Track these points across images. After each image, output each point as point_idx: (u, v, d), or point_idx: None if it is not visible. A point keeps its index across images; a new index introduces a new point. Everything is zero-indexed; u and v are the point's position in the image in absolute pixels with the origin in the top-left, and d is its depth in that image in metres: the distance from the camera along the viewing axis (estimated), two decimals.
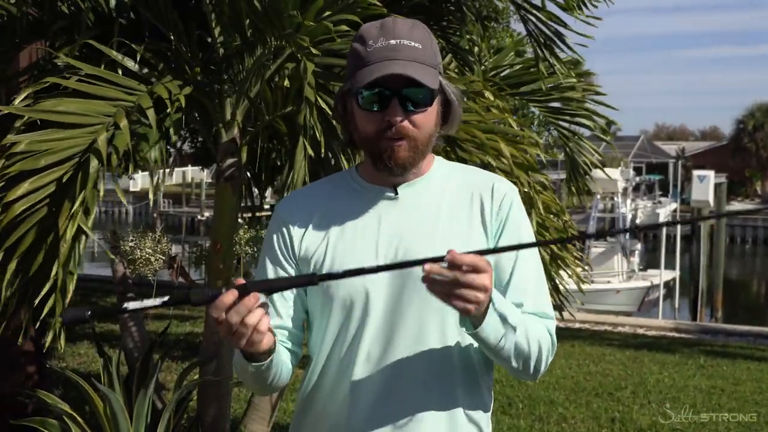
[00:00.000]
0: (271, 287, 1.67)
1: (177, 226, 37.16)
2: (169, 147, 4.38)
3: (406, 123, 1.80)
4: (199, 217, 35.89)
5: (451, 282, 1.58)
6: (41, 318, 3.18)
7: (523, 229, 1.93)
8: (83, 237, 3.21)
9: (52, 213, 3.18)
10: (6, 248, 3.16)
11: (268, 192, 5.79)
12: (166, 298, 1.59)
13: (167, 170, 4.80)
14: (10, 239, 3.15)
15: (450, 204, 1.91)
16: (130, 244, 4.20)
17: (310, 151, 3.18)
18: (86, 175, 3.10)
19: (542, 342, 1.84)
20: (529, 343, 1.80)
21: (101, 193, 3.19)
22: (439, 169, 1.97)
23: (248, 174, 5.03)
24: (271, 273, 1.94)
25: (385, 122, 1.80)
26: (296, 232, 1.92)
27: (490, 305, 1.68)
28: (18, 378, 5.06)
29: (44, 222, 3.19)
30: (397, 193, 1.90)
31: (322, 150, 3.22)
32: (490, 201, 1.91)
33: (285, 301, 1.93)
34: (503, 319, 1.72)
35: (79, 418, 3.98)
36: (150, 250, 4.09)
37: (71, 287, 3.18)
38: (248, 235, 4.33)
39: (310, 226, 1.92)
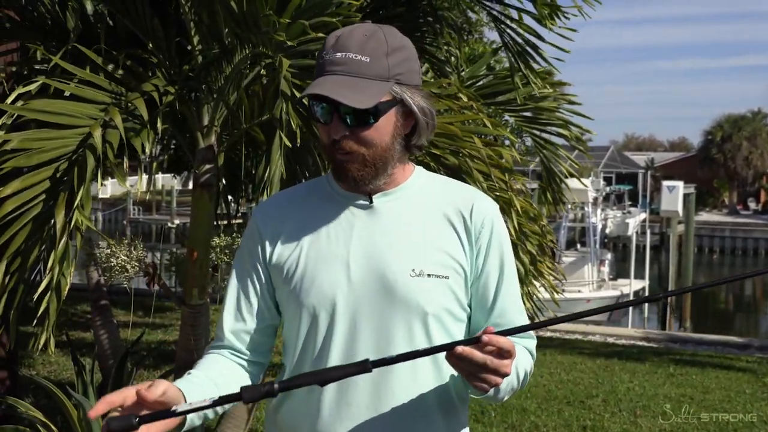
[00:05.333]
0: (324, 378, 1.53)
1: (147, 233, 36.96)
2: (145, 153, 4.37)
3: (350, 140, 1.73)
4: (169, 224, 35.65)
5: (479, 365, 1.55)
6: (38, 317, 3.15)
7: (505, 252, 1.89)
8: (78, 234, 3.18)
9: (45, 211, 3.15)
10: None
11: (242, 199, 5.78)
12: (216, 398, 1.49)
13: (150, 175, 4.79)
14: (2, 238, 3.10)
15: (426, 219, 1.84)
16: (106, 251, 4.17)
17: (287, 142, 3.14)
18: (83, 171, 3.06)
19: (528, 370, 1.89)
20: (519, 381, 1.85)
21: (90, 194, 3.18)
22: (417, 181, 1.89)
23: (223, 181, 5.02)
24: (239, 280, 1.90)
25: (331, 137, 1.75)
26: (270, 237, 1.87)
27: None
28: None
29: (37, 220, 3.15)
30: (371, 202, 1.84)
31: (299, 141, 3.19)
32: (470, 221, 1.84)
33: (250, 306, 1.88)
34: (507, 385, 1.76)
35: (52, 426, 3.95)
36: (126, 258, 4.06)
37: (66, 286, 3.15)
38: (224, 243, 4.32)
39: (284, 232, 1.86)
